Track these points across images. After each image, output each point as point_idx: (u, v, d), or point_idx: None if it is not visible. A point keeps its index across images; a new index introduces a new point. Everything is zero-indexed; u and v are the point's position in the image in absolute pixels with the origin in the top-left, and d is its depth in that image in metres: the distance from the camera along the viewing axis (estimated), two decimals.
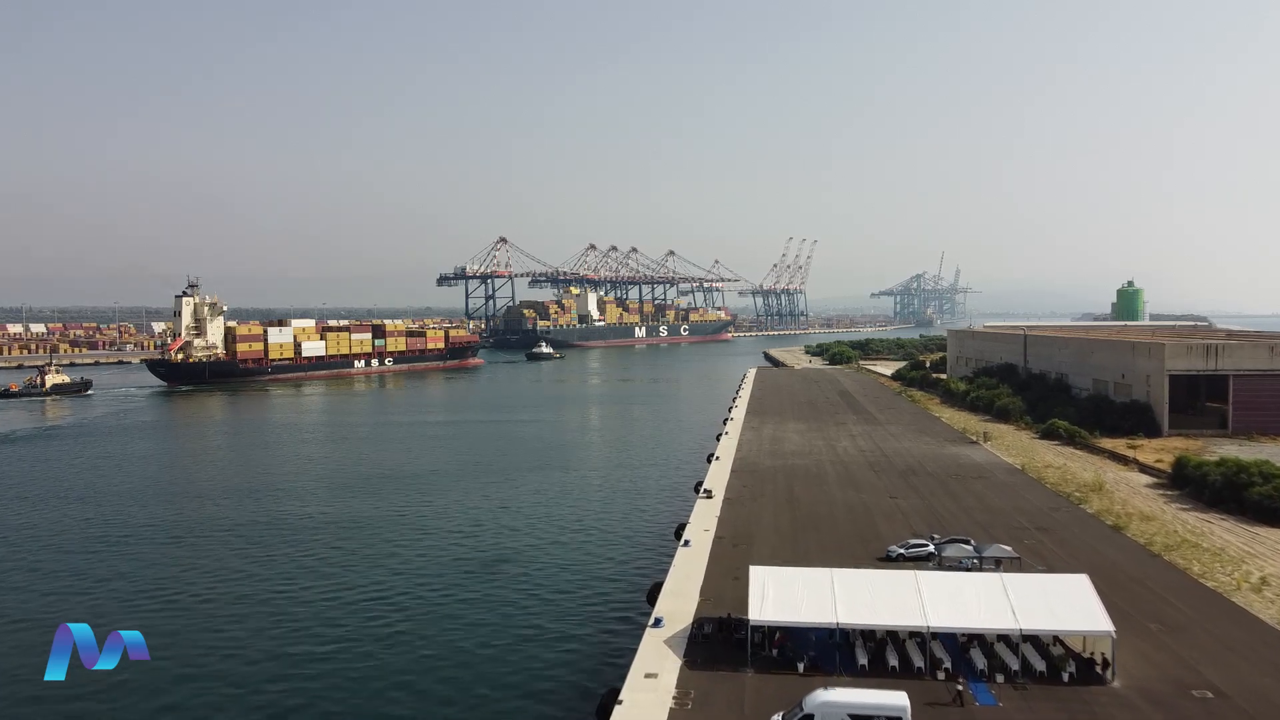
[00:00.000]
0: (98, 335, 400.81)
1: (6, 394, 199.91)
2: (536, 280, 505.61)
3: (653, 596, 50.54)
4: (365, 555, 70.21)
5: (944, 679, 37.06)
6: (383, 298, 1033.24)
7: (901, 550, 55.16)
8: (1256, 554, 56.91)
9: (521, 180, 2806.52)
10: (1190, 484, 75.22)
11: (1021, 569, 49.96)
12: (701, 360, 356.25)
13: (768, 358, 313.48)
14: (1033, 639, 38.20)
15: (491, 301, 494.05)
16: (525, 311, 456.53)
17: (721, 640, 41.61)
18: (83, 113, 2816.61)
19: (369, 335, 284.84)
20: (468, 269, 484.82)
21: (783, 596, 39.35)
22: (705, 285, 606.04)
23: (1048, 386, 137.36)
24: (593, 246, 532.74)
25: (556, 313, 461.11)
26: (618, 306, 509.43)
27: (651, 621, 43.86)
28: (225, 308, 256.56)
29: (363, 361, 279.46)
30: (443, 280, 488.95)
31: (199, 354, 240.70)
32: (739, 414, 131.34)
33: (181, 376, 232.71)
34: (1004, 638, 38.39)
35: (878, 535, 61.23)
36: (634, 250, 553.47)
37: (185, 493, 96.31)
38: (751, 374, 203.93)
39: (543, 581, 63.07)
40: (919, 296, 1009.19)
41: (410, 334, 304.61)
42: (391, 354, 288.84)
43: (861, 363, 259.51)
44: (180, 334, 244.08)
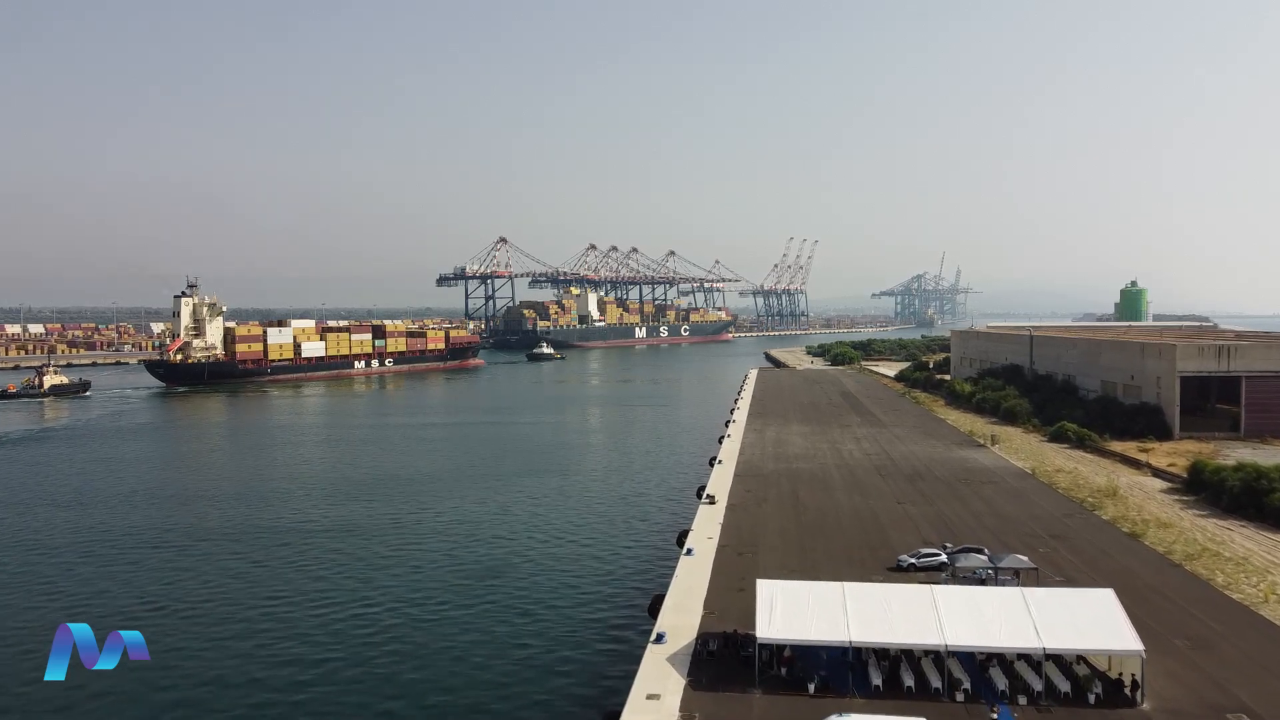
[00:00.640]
0: (96, 336, 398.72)
1: (4, 395, 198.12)
2: (536, 280, 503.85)
3: (654, 609, 48.52)
4: (357, 565, 68.23)
5: (963, 700, 35.15)
6: (382, 298, 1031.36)
7: (913, 560, 53.04)
8: None
9: (521, 180, 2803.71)
10: (1207, 489, 73.12)
11: (1039, 580, 47.91)
12: (702, 361, 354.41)
13: (769, 358, 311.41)
14: (1056, 658, 36.20)
15: (491, 302, 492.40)
16: (525, 312, 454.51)
17: (727, 658, 39.67)
18: (83, 113, 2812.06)
19: (369, 336, 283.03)
20: (467, 269, 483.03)
21: (792, 612, 37.35)
22: (706, 285, 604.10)
23: (1055, 388, 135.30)
24: (593, 247, 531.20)
25: (556, 313, 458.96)
26: (618, 307, 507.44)
27: (653, 637, 41.88)
28: (224, 308, 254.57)
29: (363, 362, 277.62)
30: (442, 280, 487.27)
31: (198, 355, 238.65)
32: (741, 416, 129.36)
33: (180, 377, 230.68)
34: (1025, 656, 36.36)
35: (887, 543, 59.20)
36: (634, 250, 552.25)
37: (182, 497, 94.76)
38: (753, 375, 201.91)
39: (540, 593, 61.06)
40: (919, 297, 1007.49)
41: (410, 334, 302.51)
42: (391, 355, 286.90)
43: (863, 363, 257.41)
44: (179, 335, 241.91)
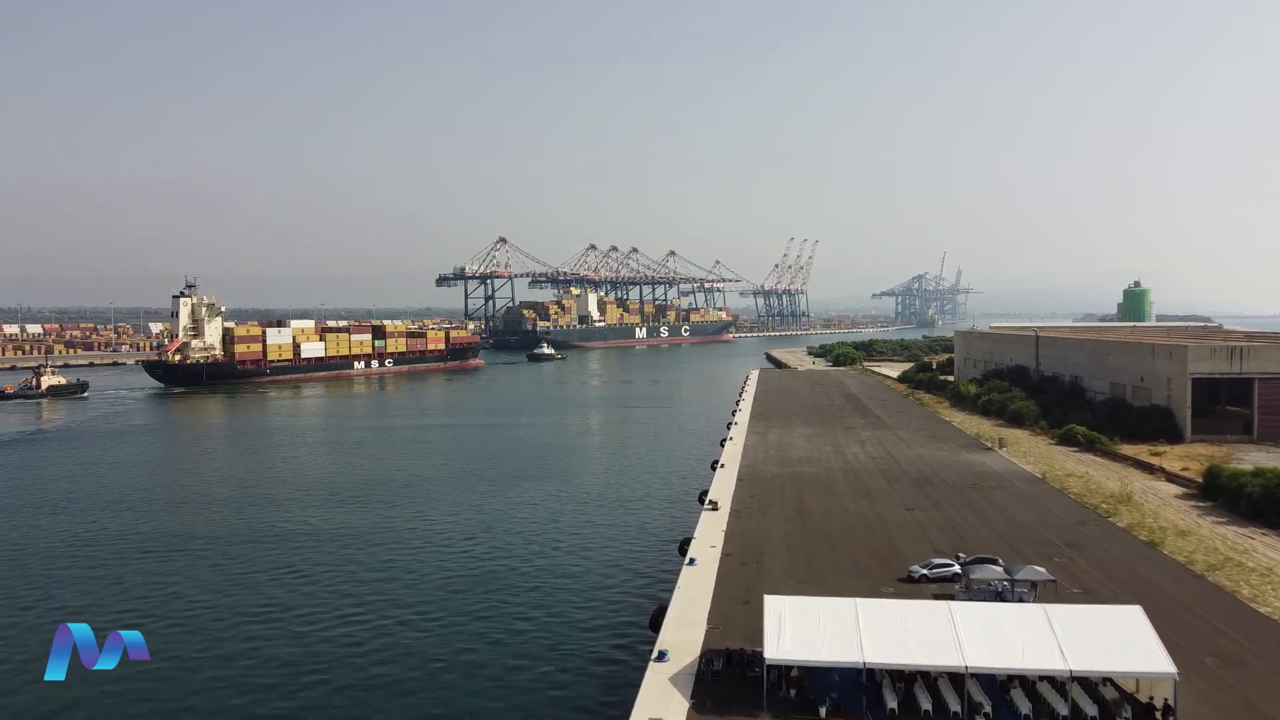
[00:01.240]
0: (94, 336, 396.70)
1: (2, 396, 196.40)
2: (536, 281, 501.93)
3: (656, 622, 46.51)
4: (347, 573, 66.33)
5: None
6: (382, 298, 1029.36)
7: (925, 571, 50.96)
8: None
9: (521, 180, 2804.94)
10: (1224, 495, 71.01)
11: (1058, 592, 45.98)
12: (703, 361, 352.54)
13: (770, 359, 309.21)
14: (1082, 680, 34.19)
15: (491, 302, 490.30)
16: (525, 312, 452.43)
17: (732, 677, 37.66)
18: (82, 113, 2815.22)
19: (369, 336, 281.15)
20: (467, 269, 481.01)
21: (802, 631, 35.36)
22: (706, 286, 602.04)
23: (1062, 390, 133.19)
24: (593, 247, 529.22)
25: (556, 313, 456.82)
26: (618, 307, 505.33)
27: (655, 655, 39.87)
28: (223, 308, 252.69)
29: (362, 363, 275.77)
30: (442, 281, 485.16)
31: (196, 355, 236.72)
32: (743, 418, 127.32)
33: (179, 378, 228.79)
34: (1049, 678, 34.37)
35: (896, 552, 57.19)
36: (634, 250, 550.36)
37: (178, 501, 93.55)
38: (754, 376, 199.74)
39: (536, 605, 59.04)
40: (920, 297, 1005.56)
41: (410, 335, 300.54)
42: (391, 355, 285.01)
43: (865, 364, 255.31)
44: (178, 335, 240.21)
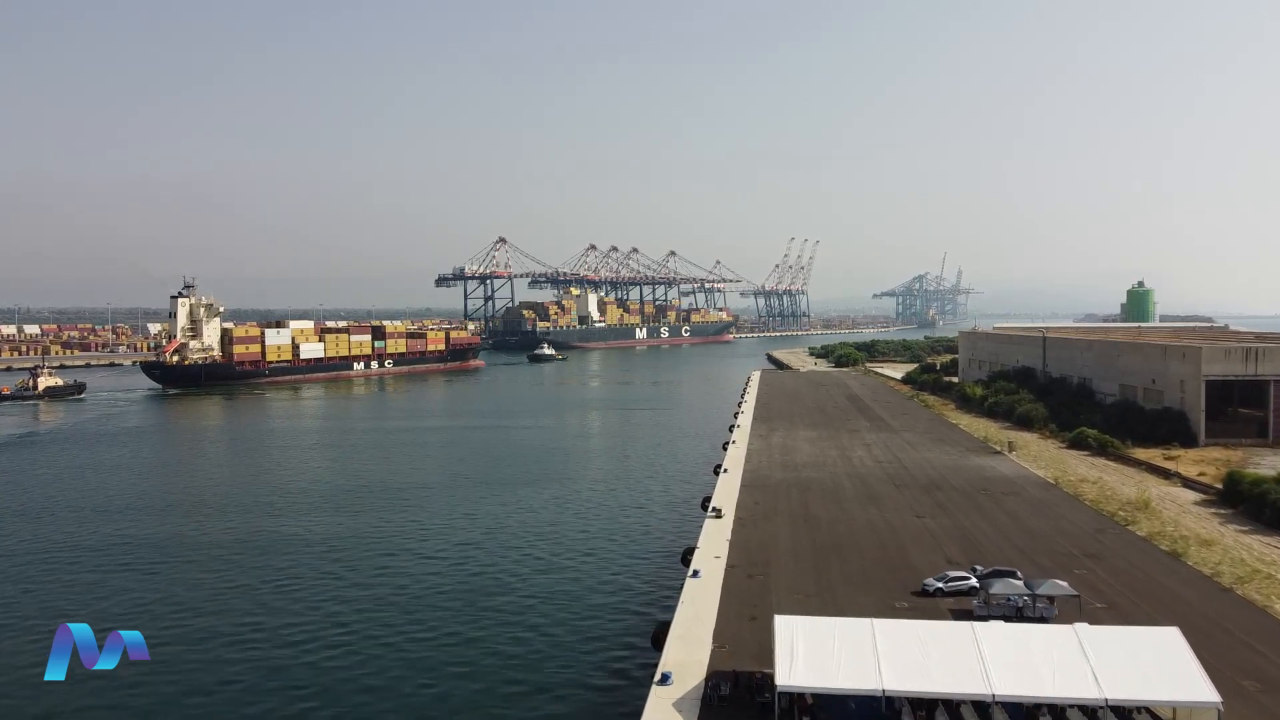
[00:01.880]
0: (92, 337, 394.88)
1: None
2: (536, 281, 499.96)
3: (658, 639, 44.12)
4: (336, 584, 64.16)
5: None
6: (381, 299, 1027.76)
7: (940, 584, 48.49)
8: None
9: (521, 180, 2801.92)
10: (1245, 502, 68.61)
11: (1081, 609, 43.60)
12: (703, 362, 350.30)
13: (771, 359, 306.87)
14: (1117, 709, 31.84)
15: (491, 302, 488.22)
16: (525, 312, 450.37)
17: (740, 702, 35.34)
18: (82, 113, 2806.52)
19: (368, 337, 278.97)
20: (467, 269, 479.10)
21: (816, 655, 33.00)
22: (706, 286, 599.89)
23: (1070, 392, 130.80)
24: (593, 247, 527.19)
25: (556, 314, 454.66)
26: (618, 307, 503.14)
27: (658, 678, 37.51)
28: (222, 309, 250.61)
29: (362, 364, 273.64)
30: (441, 281, 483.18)
31: (195, 356, 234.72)
32: (745, 420, 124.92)
33: (177, 379, 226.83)
34: (1081, 706, 32.01)
35: (908, 563, 54.80)
36: (635, 251, 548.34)
37: (174, 504, 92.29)
38: (755, 377, 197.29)
39: (534, 620, 56.69)
40: (921, 297, 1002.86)
41: (410, 335, 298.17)
42: (391, 356, 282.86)
43: (868, 365, 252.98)
44: (176, 335, 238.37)
